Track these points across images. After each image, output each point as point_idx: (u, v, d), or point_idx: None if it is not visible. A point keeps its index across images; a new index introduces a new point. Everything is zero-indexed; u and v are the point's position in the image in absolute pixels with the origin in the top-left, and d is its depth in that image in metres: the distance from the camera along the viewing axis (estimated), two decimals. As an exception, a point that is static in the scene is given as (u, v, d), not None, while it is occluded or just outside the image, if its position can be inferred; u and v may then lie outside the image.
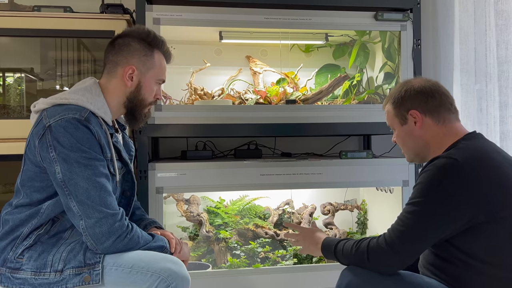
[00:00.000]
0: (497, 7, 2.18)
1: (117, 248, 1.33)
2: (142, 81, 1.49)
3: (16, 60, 2.41)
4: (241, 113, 2.15)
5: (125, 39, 1.49)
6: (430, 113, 1.39)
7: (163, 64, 1.55)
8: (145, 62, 1.49)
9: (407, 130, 1.42)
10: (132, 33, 1.51)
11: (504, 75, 2.18)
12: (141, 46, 1.48)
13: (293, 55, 2.61)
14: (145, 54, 1.49)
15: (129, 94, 1.49)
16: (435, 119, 1.38)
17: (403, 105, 1.42)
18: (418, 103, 1.39)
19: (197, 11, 2.11)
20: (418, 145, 1.42)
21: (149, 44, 1.50)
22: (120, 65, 1.47)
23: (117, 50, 1.48)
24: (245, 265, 2.21)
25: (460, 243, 1.26)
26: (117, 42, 1.49)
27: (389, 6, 2.24)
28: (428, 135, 1.39)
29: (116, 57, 1.48)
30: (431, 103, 1.39)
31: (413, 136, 1.42)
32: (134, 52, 1.47)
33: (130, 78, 1.47)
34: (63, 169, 1.31)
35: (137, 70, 1.47)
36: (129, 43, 1.48)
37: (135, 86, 1.48)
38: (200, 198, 2.44)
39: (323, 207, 2.55)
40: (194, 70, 2.47)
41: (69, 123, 1.32)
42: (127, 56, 1.47)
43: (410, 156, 1.48)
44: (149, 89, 1.51)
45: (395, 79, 2.37)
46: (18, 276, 1.32)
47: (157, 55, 1.52)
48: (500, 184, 1.25)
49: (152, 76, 1.51)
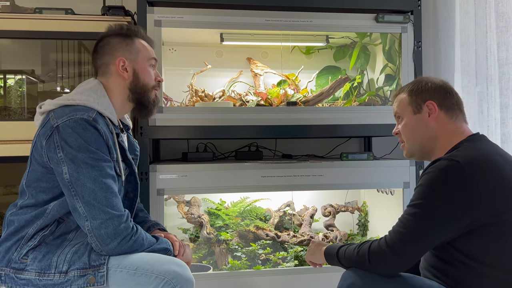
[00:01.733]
0: (498, 9, 2.18)
1: (122, 250, 1.33)
2: (136, 67, 1.51)
3: (17, 62, 2.42)
4: (242, 115, 2.15)
5: (104, 40, 1.53)
6: (445, 108, 1.40)
7: (148, 46, 1.57)
8: (131, 50, 1.52)
9: (419, 120, 1.42)
10: (107, 33, 1.55)
11: (505, 77, 2.18)
12: (119, 39, 1.52)
13: (294, 57, 2.62)
14: (127, 43, 1.52)
15: (130, 85, 1.51)
16: (449, 115, 1.40)
17: (421, 95, 1.42)
18: (437, 96, 1.41)
19: (198, 13, 2.12)
20: (426, 137, 1.42)
21: (126, 35, 1.53)
22: (110, 62, 1.50)
23: (101, 53, 1.52)
24: (246, 267, 2.21)
25: (461, 245, 1.26)
26: (99, 46, 1.53)
27: (389, 8, 2.24)
28: (439, 129, 1.40)
29: (102, 58, 1.52)
30: (449, 100, 1.41)
31: (424, 127, 1.41)
32: (116, 46, 1.51)
33: (125, 70, 1.50)
34: (70, 170, 1.31)
35: (127, 60, 1.50)
36: (109, 41, 1.52)
37: (132, 75, 1.51)
38: (201, 200, 2.44)
39: (324, 209, 2.55)
40: (195, 72, 2.47)
41: (77, 124, 1.33)
42: (112, 52, 1.50)
43: (412, 149, 1.46)
44: (147, 73, 1.54)
45: (396, 81, 2.37)
46: (22, 277, 1.32)
47: (137, 40, 1.55)
48: (502, 187, 1.25)
49: (143, 60, 1.53)
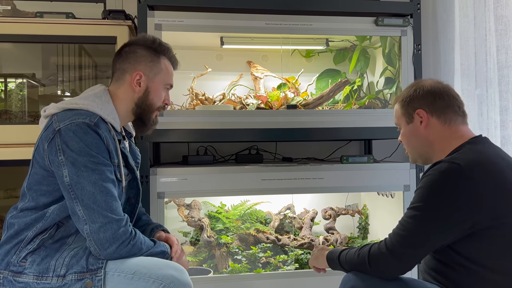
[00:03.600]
0: (497, 12, 2.19)
1: (120, 254, 1.33)
2: (150, 86, 1.51)
3: (18, 66, 2.42)
4: (242, 118, 2.15)
5: (132, 47, 1.52)
6: (436, 113, 1.39)
7: (170, 69, 1.57)
8: (152, 68, 1.51)
9: (413, 129, 1.43)
10: (138, 41, 1.54)
11: (505, 80, 2.18)
12: (147, 52, 1.51)
13: (294, 60, 2.62)
14: (152, 60, 1.51)
15: (137, 99, 1.51)
16: (441, 120, 1.39)
17: (410, 104, 1.42)
18: (425, 103, 1.40)
19: (199, 17, 2.12)
20: (422, 145, 1.42)
21: (155, 50, 1.52)
22: (128, 71, 1.50)
23: (124, 58, 1.51)
24: (247, 270, 2.21)
25: (461, 248, 1.25)
26: (124, 51, 1.52)
27: (389, 12, 2.25)
28: (433, 135, 1.39)
29: (123, 64, 1.51)
30: (439, 104, 1.39)
31: (418, 136, 1.42)
32: (141, 58, 1.50)
33: (138, 84, 1.50)
34: (70, 173, 1.31)
35: (144, 75, 1.49)
36: (136, 50, 1.51)
37: (143, 91, 1.50)
38: (201, 203, 2.44)
39: (324, 212, 2.55)
40: (195, 76, 2.47)
41: (78, 128, 1.34)
42: (134, 63, 1.50)
43: (413, 156, 1.48)
44: (157, 94, 1.53)
45: (396, 84, 2.38)
46: (20, 280, 1.32)
47: (164, 61, 1.54)
48: (503, 190, 1.24)
49: (159, 81, 1.53)
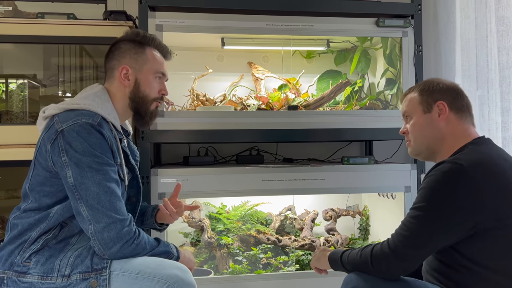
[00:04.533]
0: (498, 13, 2.19)
1: (124, 254, 1.33)
2: (139, 77, 1.51)
3: (19, 66, 2.42)
4: (243, 119, 2.16)
5: (117, 44, 1.54)
6: (455, 109, 1.40)
7: (158, 58, 1.56)
8: (137, 59, 1.51)
9: (429, 119, 1.42)
10: (122, 37, 1.55)
11: (506, 81, 2.18)
12: (131, 45, 1.52)
13: (294, 61, 2.62)
14: (136, 52, 1.51)
15: (130, 93, 1.51)
16: (458, 117, 1.40)
17: (432, 95, 1.42)
18: (448, 97, 1.41)
19: (200, 17, 2.12)
20: (434, 137, 1.41)
21: (139, 42, 1.53)
22: (115, 68, 1.51)
23: (111, 56, 1.53)
24: (247, 271, 2.20)
25: (464, 249, 1.25)
26: (111, 50, 1.54)
27: (390, 13, 2.25)
28: (448, 130, 1.40)
29: (110, 62, 1.52)
30: (460, 102, 1.41)
31: (433, 127, 1.41)
32: (125, 52, 1.51)
33: (126, 78, 1.50)
34: (74, 174, 1.31)
35: (131, 68, 1.50)
36: (120, 46, 1.52)
37: (133, 84, 1.51)
38: (202, 204, 2.44)
39: (325, 213, 2.55)
40: (196, 76, 2.47)
41: (82, 128, 1.34)
42: (119, 58, 1.51)
43: (419, 148, 1.46)
44: (149, 85, 1.52)
45: (397, 85, 2.38)
46: (24, 280, 1.32)
47: (149, 50, 1.54)
48: (506, 191, 1.24)
49: (148, 71, 1.52)
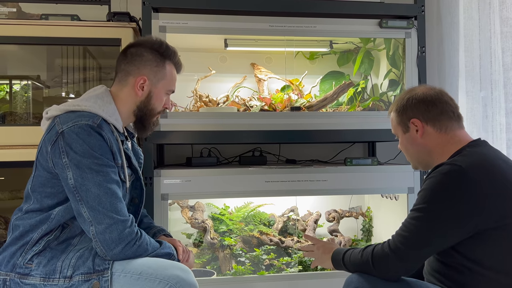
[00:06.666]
0: (502, 14, 2.18)
1: (126, 255, 1.33)
2: (153, 91, 1.50)
3: (23, 68, 2.44)
4: (246, 120, 2.16)
5: (138, 48, 1.50)
6: (431, 121, 1.40)
7: (174, 75, 1.56)
8: (157, 73, 1.50)
9: (409, 138, 1.44)
10: (145, 43, 1.52)
11: (510, 82, 2.17)
12: (153, 56, 1.50)
13: (297, 62, 2.62)
14: (157, 65, 1.50)
15: (139, 103, 1.50)
16: (437, 128, 1.40)
17: (405, 114, 1.43)
18: (419, 112, 1.41)
19: (203, 19, 2.13)
20: (421, 152, 1.44)
21: (161, 55, 1.51)
22: (132, 74, 1.49)
23: (129, 60, 1.49)
24: (250, 272, 2.20)
25: (465, 249, 1.26)
26: (130, 52, 1.51)
27: (393, 14, 2.25)
28: (430, 143, 1.40)
29: (128, 66, 1.49)
30: (432, 112, 1.40)
31: (415, 144, 1.43)
32: (146, 62, 1.49)
33: (141, 88, 1.49)
34: (75, 175, 1.32)
35: (148, 80, 1.49)
36: (142, 53, 1.49)
37: (145, 96, 1.50)
38: (205, 205, 2.44)
39: (328, 214, 2.55)
40: (199, 77, 2.48)
41: (82, 130, 1.34)
42: (139, 66, 1.48)
43: (413, 163, 1.50)
44: (159, 99, 1.53)
45: (400, 86, 2.37)
46: (27, 282, 1.32)
47: (169, 66, 1.53)
48: (505, 191, 1.24)
49: (162, 87, 1.52)
